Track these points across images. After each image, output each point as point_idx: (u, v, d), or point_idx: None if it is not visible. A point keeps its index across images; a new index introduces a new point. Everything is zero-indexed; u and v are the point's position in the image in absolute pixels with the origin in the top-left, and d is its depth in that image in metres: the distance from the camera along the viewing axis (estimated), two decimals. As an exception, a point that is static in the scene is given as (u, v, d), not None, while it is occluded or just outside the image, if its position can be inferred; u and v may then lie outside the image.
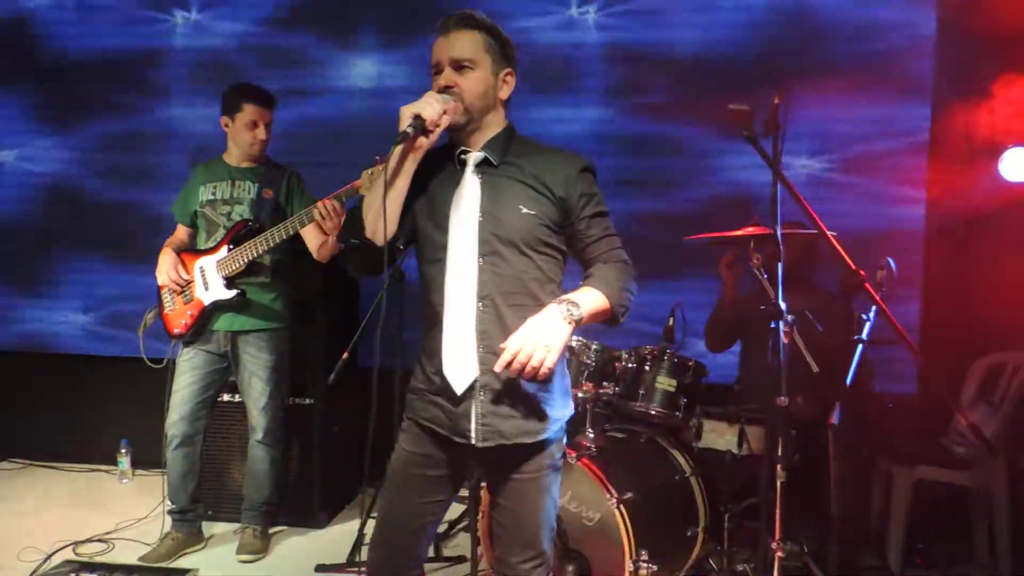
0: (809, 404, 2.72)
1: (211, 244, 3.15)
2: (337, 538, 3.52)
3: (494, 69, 1.84)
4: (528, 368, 1.65)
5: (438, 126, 1.76)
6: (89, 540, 3.39)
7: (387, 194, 1.76)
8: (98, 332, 4.51)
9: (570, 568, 2.52)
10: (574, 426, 3.12)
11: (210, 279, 3.13)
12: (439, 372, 1.82)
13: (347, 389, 3.72)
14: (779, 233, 2.26)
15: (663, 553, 2.52)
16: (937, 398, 3.47)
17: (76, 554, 3.25)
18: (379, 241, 1.80)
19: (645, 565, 2.44)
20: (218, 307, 3.13)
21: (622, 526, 2.47)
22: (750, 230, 2.68)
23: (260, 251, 3.05)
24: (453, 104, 1.78)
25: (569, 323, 1.69)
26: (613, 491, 2.54)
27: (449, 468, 1.90)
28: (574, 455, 2.66)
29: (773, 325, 2.29)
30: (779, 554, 2.32)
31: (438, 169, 1.89)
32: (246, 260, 3.06)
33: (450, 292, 1.81)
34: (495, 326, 1.79)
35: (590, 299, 1.75)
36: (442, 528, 3.51)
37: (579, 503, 2.62)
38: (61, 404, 4.59)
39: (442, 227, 1.83)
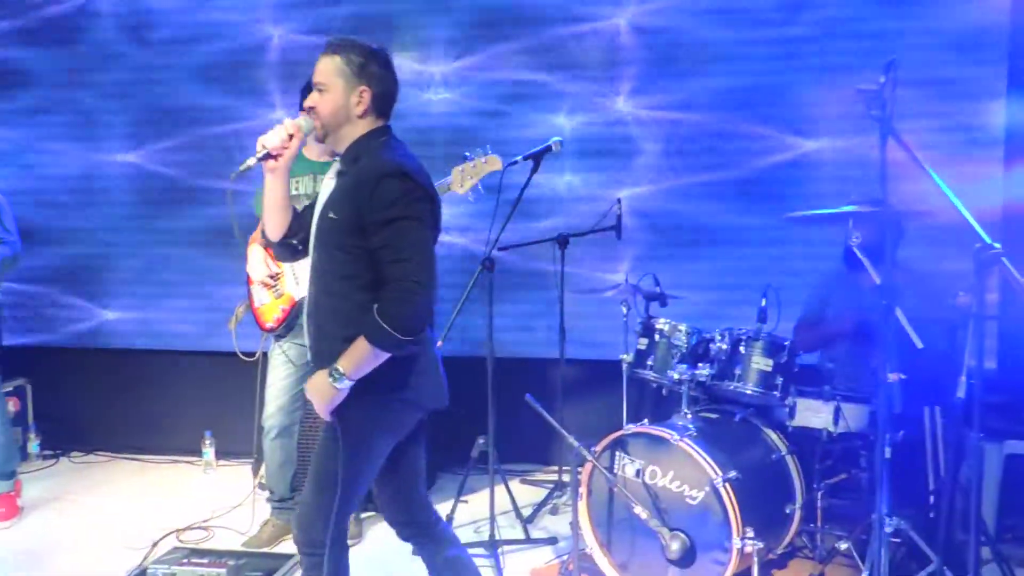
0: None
1: (299, 240, 3.22)
2: (427, 522, 3.59)
3: (347, 89, 2.06)
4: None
5: (287, 148, 2.11)
6: (189, 528, 3.51)
7: (266, 203, 2.17)
8: (182, 328, 4.64)
9: (675, 547, 2.55)
10: (669, 407, 3.20)
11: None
12: None
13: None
14: (880, 210, 2.26)
15: (765, 531, 2.56)
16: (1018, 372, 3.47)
17: (180, 541, 3.37)
18: (274, 239, 2.23)
19: (752, 542, 2.47)
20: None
21: (729, 504, 2.51)
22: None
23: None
24: (302, 125, 2.10)
25: (337, 387, 1.98)
26: (717, 470, 2.57)
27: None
28: (672, 435, 2.70)
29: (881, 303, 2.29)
30: (886, 529, 2.34)
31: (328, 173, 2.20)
32: None
33: (307, 281, 2.18)
34: (316, 312, 2.12)
35: (352, 357, 1.97)
36: (527, 511, 3.58)
37: (681, 482, 2.66)
38: (143, 398, 4.73)
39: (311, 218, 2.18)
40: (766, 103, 3.97)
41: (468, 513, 3.51)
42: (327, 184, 2.16)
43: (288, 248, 2.26)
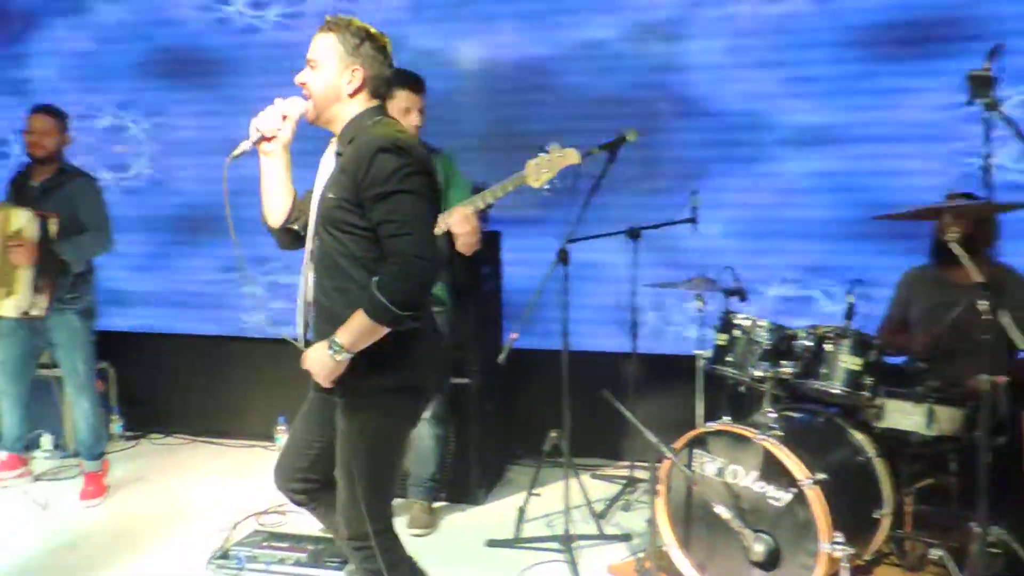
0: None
1: (374, 231, 3.24)
2: (499, 513, 3.60)
3: (339, 67, 2.05)
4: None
5: (280, 130, 2.11)
6: (267, 512, 3.59)
7: (264, 188, 2.19)
8: (256, 314, 4.72)
9: (758, 549, 2.50)
10: (750, 405, 3.13)
11: None
12: None
13: (498, 368, 3.82)
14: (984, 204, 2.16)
15: (852, 536, 2.47)
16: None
17: (260, 524, 3.45)
18: (274, 226, 2.22)
19: (840, 547, 2.40)
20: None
21: (817, 508, 2.44)
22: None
23: None
24: (296, 106, 2.10)
25: (336, 359, 1.96)
26: (804, 471, 2.50)
27: (323, 400, 2.17)
28: (756, 434, 2.63)
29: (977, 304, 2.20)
30: (986, 539, 2.25)
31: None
32: None
33: (304, 263, 2.13)
34: (318, 294, 2.10)
35: (350, 329, 1.95)
36: (599, 506, 3.55)
37: (765, 483, 2.59)
38: (219, 383, 4.85)
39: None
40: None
41: (540, 506, 3.49)
42: (325, 165, 2.14)
43: (289, 234, 2.24)
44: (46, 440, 4.42)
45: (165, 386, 4.91)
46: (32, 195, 3.69)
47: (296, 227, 2.22)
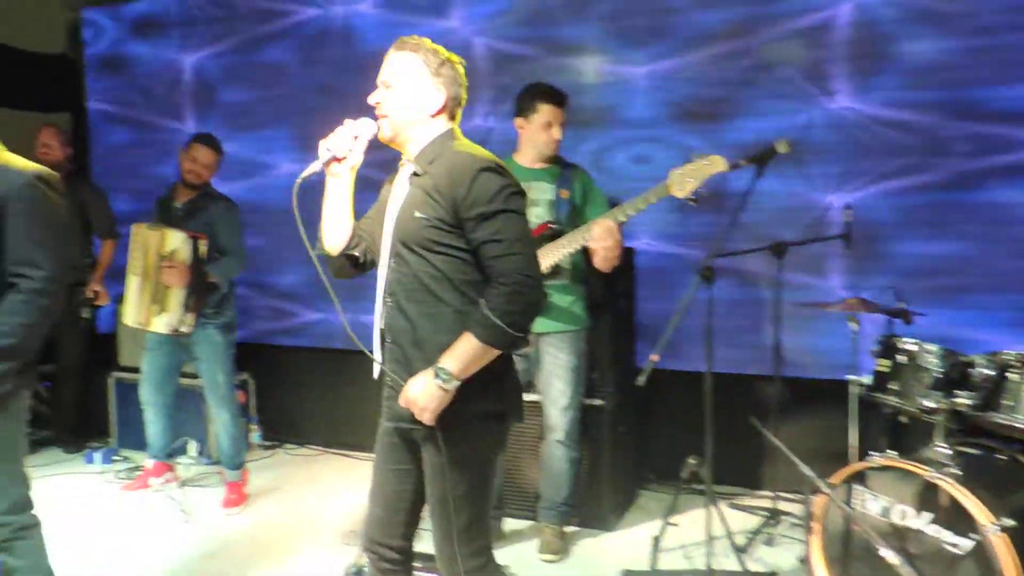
0: None
1: (513, 246, 3.18)
2: (632, 541, 3.45)
3: (422, 87, 1.99)
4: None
5: (351, 151, 2.03)
6: (398, 529, 3.58)
7: (326, 212, 2.09)
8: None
9: (932, 600, 2.26)
10: (912, 437, 2.87)
11: None
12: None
13: (631, 390, 3.70)
14: None
15: (1044, 591, 2.19)
16: None
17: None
18: (333, 252, 2.12)
19: (1033, 604, 2.13)
20: (522, 308, 3.16)
21: (1007, 558, 2.17)
22: None
23: (564, 254, 3.04)
24: (367, 127, 2.02)
25: (444, 389, 1.86)
26: (989, 516, 2.24)
27: (403, 442, 2.06)
28: (929, 471, 2.39)
29: None
30: None
31: (395, 179, 2.11)
32: (550, 264, 3.06)
33: (378, 289, 2.05)
34: (399, 321, 1.98)
35: (459, 355, 1.87)
36: (740, 539, 3.35)
37: (940, 527, 2.34)
38: (351, 396, 4.93)
39: (382, 225, 2.08)
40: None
41: (676, 537, 3.32)
42: (397, 188, 2.06)
43: (347, 261, 2.15)
44: (192, 447, 4.61)
45: (300, 397, 5.04)
46: (176, 216, 3.86)
47: (357, 253, 2.14)
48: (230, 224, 3.87)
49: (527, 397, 3.50)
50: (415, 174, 1.99)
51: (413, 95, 2.00)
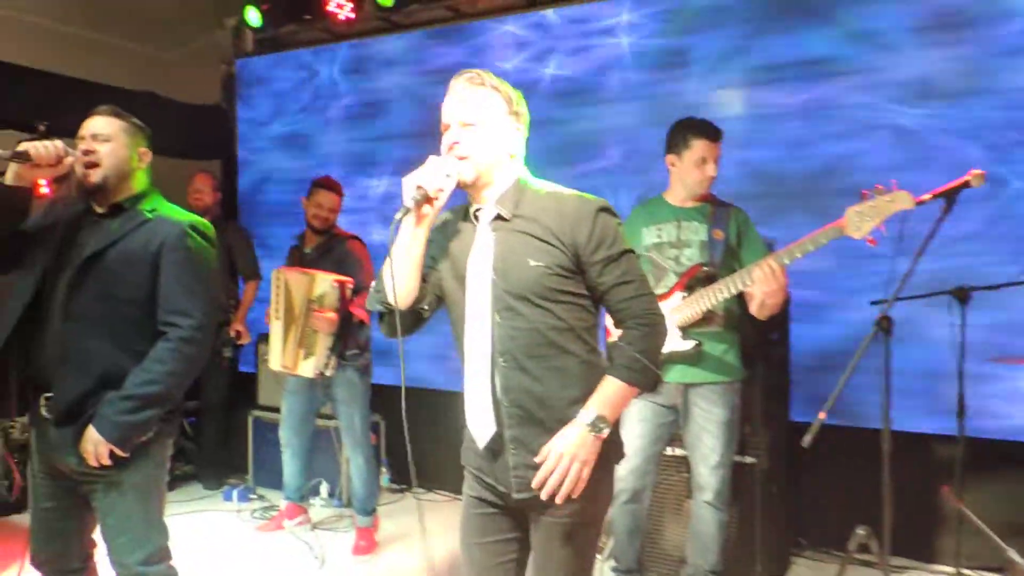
0: None
1: (661, 290, 2.98)
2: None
3: (503, 127, 1.86)
4: (566, 485, 1.75)
5: (442, 190, 1.81)
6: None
7: (402, 262, 1.85)
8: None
9: None
10: None
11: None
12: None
13: (786, 447, 3.41)
14: None
15: None
16: None
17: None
18: (403, 306, 1.89)
19: None
20: (671, 358, 2.94)
21: None
22: None
23: (717, 299, 2.82)
24: (455, 166, 1.82)
25: (600, 438, 1.77)
26: None
27: (504, 510, 1.93)
28: None
29: None
30: None
31: (458, 227, 1.95)
32: (703, 309, 2.85)
33: (468, 349, 1.86)
34: (519, 380, 1.82)
35: (610, 397, 1.79)
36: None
37: None
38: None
39: (461, 285, 1.88)
40: None
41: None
42: (476, 237, 1.89)
43: (414, 316, 1.94)
44: (323, 488, 4.61)
45: (429, 441, 4.96)
46: (308, 260, 3.89)
47: (425, 308, 1.96)
48: (358, 261, 3.87)
49: (671, 452, 3.30)
50: (500, 218, 1.87)
51: (496, 136, 1.87)
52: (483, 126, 1.85)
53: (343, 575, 3.64)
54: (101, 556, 2.33)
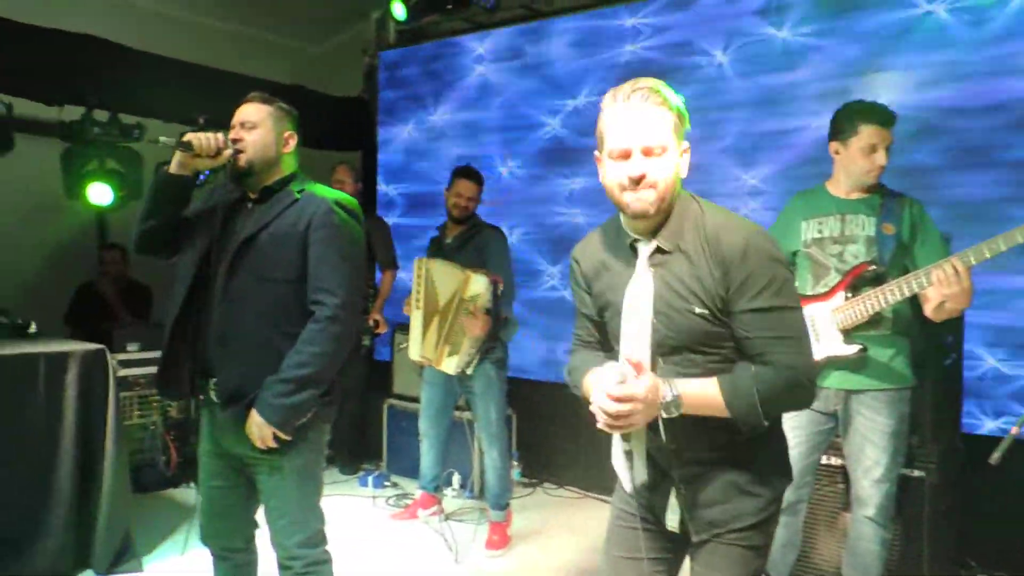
0: None
1: (821, 289, 2.76)
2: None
3: (676, 149, 1.65)
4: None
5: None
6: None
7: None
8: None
9: None
10: None
11: (822, 330, 2.74)
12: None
13: (956, 459, 3.13)
14: None
15: None
16: None
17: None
18: None
19: None
20: (831, 362, 2.72)
21: None
22: None
23: (888, 301, 2.58)
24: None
25: (664, 410, 1.63)
26: None
27: (661, 529, 1.85)
28: None
29: None
30: None
31: (616, 259, 1.77)
32: (870, 311, 2.61)
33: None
34: (680, 421, 1.66)
35: (701, 396, 1.64)
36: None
37: None
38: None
39: (618, 321, 1.74)
40: None
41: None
42: (638, 273, 1.72)
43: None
44: (455, 479, 4.62)
45: (560, 436, 4.89)
46: (448, 250, 3.87)
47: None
48: (499, 252, 3.82)
49: (825, 461, 3.07)
50: (659, 251, 1.70)
51: (674, 160, 1.66)
52: (669, 153, 1.64)
53: (475, 569, 3.62)
54: (262, 540, 2.40)
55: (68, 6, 4.86)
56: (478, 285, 3.56)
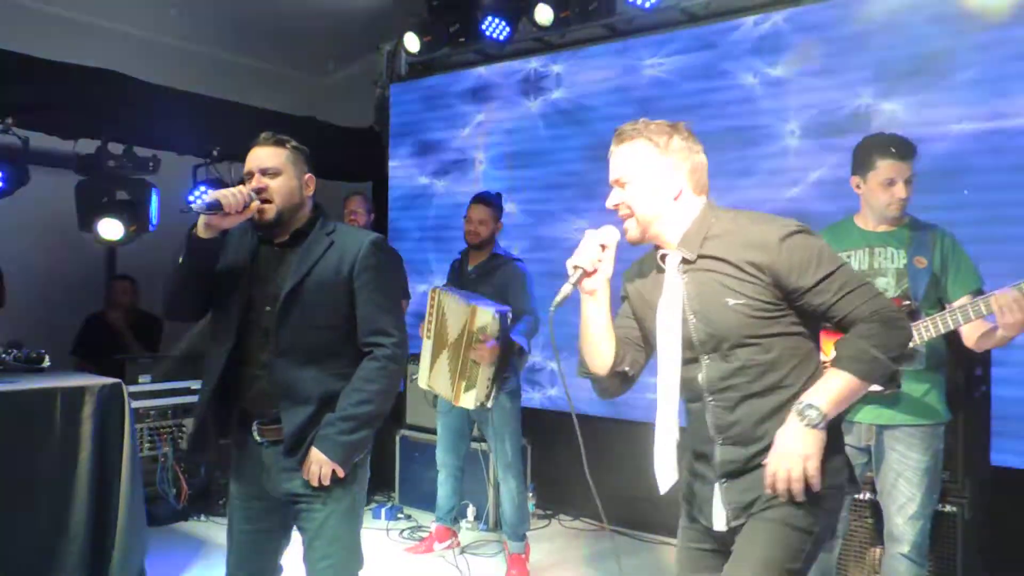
0: None
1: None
2: None
3: (654, 173, 1.83)
4: (794, 484, 1.70)
5: (601, 261, 1.84)
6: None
7: (589, 334, 1.92)
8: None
9: None
10: None
11: None
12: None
13: (987, 495, 3.08)
14: None
15: None
16: None
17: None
18: (601, 373, 1.94)
19: None
20: (863, 397, 2.69)
21: None
22: None
23: (923, 337, 2.55)
24: (610, 235, 1.84)
25: (813, 427, 1.69)
26: None
27: (713, 543, 1.91)
28: None
29: None
30: None
31: (649, 276, 1.94)
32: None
33: (661, 393, 1.86)
34: (729, 424, 1.82)
35: (830, 390, 1.72)
36: None
37: None
38: (630, 471, 4.62)
39: (654, 332, 1.88)
40: None
41: None
42: (665, 282, 1.88)
43: (620, 377, 1.97)
44: (470, 511, 4.56)
45: (575, 467, 4.81)
46: (469, 279, 3.85)
47: (627, 368, 1.97)
48: (519, 287, 3.80)
49: (858, 496, 3.04)
50: (685, 261, 1.84)
51: (650, 185, 1.84)
52: (634, 181, 1.85)
53: (496, 604, 3.56)
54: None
55: (83, 40, 4.88)
56: (484, 317, 3.53)
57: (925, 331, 2.55)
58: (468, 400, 3.61)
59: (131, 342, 5.20)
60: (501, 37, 4.96)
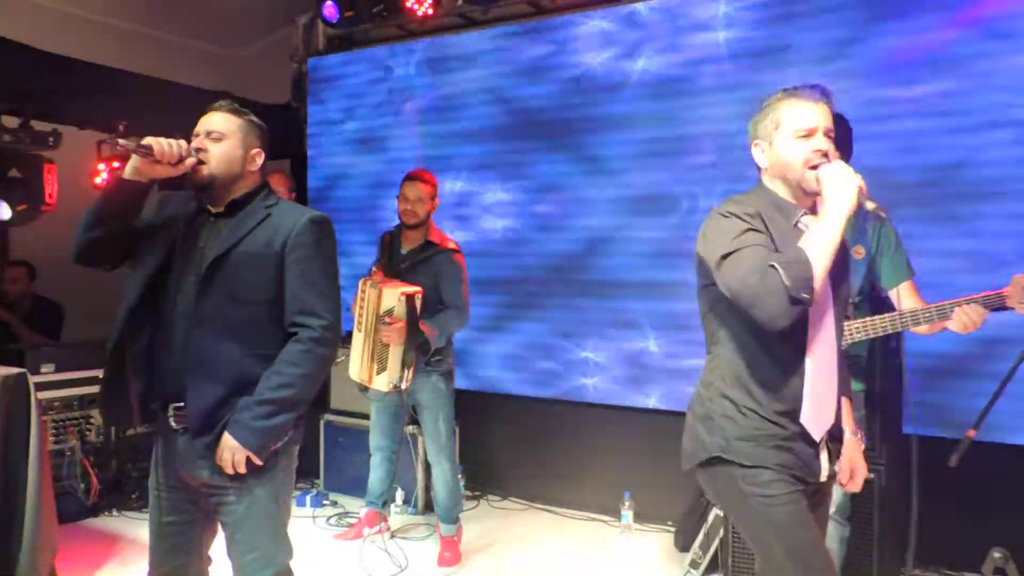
0: None
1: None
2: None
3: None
4: None
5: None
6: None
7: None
8: (606, 384, 4.53)
9: None
10: None
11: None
12: (792, 419, 1.93)
13: (902, 460, 3.22)
14: None
15: None
16: None
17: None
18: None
19: None
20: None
21: None
22: None
23: (853, 338, 2.65)
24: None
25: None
26: None
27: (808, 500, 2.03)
28: None
29: None
30: None
31: (786, 228, 1.95)
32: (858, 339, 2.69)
33: (814, 343, 1.92)
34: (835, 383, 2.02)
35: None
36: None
37: None
38: (559, 450, 4.67)
39: None
40: None
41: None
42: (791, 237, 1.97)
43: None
44: (399, 495, 4.50)
45: (503, 447, 4.85)
46: (401, 266, 3.74)
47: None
48: (454, 279, 3.70)
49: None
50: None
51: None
52: (831, 136, 1.97)
53: (429, 587, 3.53)
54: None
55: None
56: (390, 298, 3.46)
57: (861, 332, 2.63)
58: (380, 383, 3.52)
59: (24, 333, 4.89)
60: (427, 13, 4.86)
